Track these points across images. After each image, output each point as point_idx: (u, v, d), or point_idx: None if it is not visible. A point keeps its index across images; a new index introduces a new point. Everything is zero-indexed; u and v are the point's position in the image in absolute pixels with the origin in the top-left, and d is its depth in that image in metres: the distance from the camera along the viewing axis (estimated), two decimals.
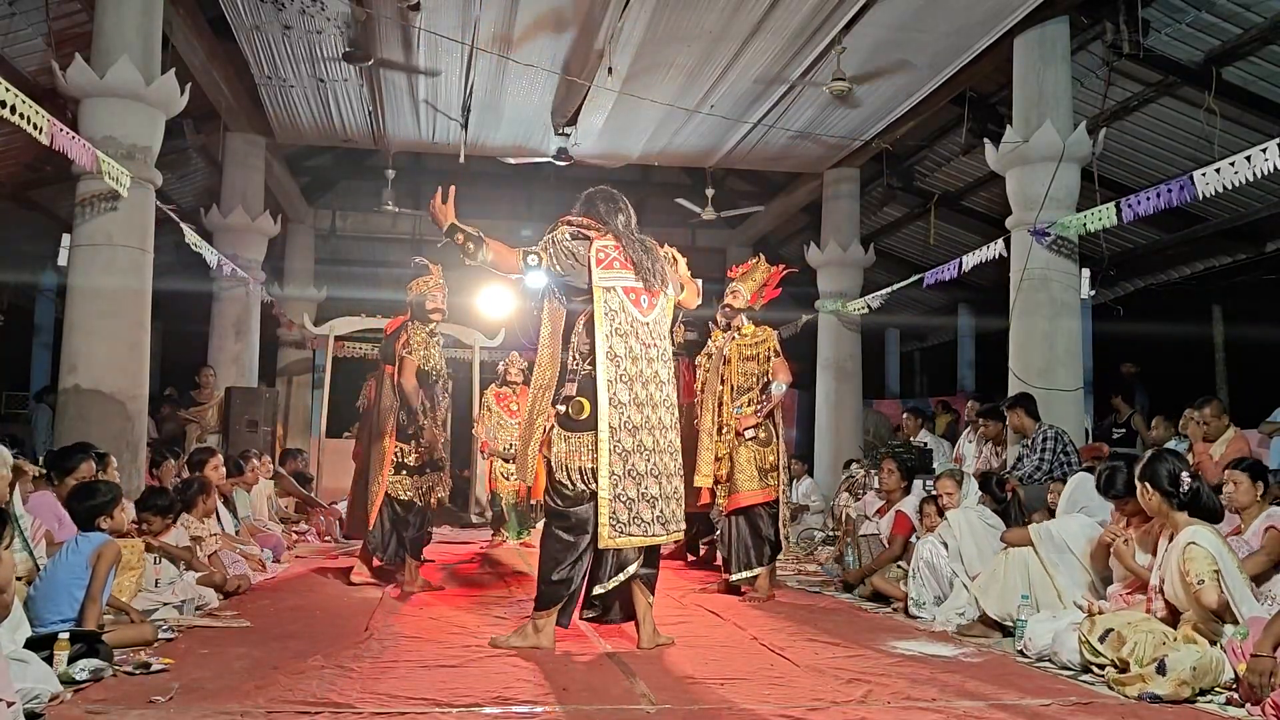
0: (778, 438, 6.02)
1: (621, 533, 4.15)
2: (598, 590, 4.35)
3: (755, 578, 5.88)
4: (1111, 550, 4.45)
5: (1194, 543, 3.76)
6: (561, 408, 4.26)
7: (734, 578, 5.91)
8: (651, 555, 4.40)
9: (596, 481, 4.14)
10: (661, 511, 4.24)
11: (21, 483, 4.45)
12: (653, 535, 4.23)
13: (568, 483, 4.19)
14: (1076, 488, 5.02)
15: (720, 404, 6.04)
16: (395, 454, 5.92)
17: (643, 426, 4.22)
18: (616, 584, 4.33)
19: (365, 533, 6.01)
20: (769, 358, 5.99)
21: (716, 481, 6.01)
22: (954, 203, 11.38)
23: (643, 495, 4.19)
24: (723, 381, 6.05)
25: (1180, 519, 3.91)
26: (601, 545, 4.16)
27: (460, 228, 4.20)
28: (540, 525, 4.62)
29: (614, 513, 4.13)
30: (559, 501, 4.24)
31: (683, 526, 4.43)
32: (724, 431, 5.98)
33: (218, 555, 5.62)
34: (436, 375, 6.14)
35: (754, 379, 6.01)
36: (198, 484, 5.87)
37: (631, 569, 4.32)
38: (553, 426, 4.28)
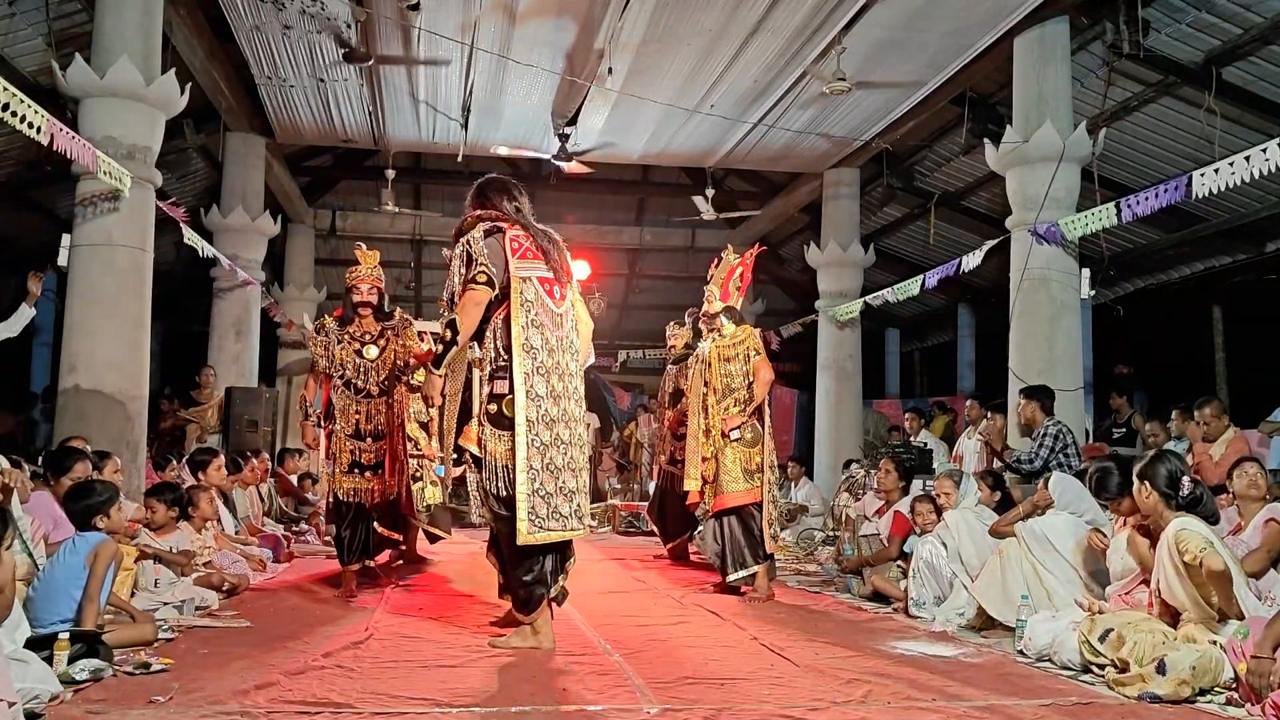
0: (765, 438, 6.00)
1: (540, 528, 4.08)
2: (553, 591, 4.29)
3: (753, 576, 5.87)
4: (1127, 540, 4.43)
5: (1183, 529, 3.77)
6: (493, 406, 4.16)
7: (731, 578, 5.89)
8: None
9: (514, 477, 4.08)
10: (579, 505, 4.20)
11: (20, 485, 4.45)
12: (570, 529, 4.18)
13: (504, 484, 4.12)
14: (1064, 488, 5.02)
15: (705, 407, 6.07)
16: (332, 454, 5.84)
17: (559, 420, 4.17)
18: (565, 578, 4.34)
19: None
20: (750, 358, 5.99)
21: (705, 483, 6.03)
22: (954, 203, 11.38)
23: (560, 489, 4.14)
24: (706, 384, 6.09)
25: (1171, 518, 3.91)
26: (520, 542, 4.07)
27: (439, 356, 4.09)
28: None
29: (533, 508, 4.06)
30: (501, 507, 4.17)
31: (589, 520, 4.40)
32: (710, 434, 6.01)
33: (213, 560, 5.63)
34: (356, 374, 5.76)
35: (736, 380, 6.00)
36: (187, 496, 5.84)
37: (573, 562, 4.36)
38: (483, 428, 4.18)
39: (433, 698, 3.37)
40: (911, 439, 9.68)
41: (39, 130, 5.23)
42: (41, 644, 3.42)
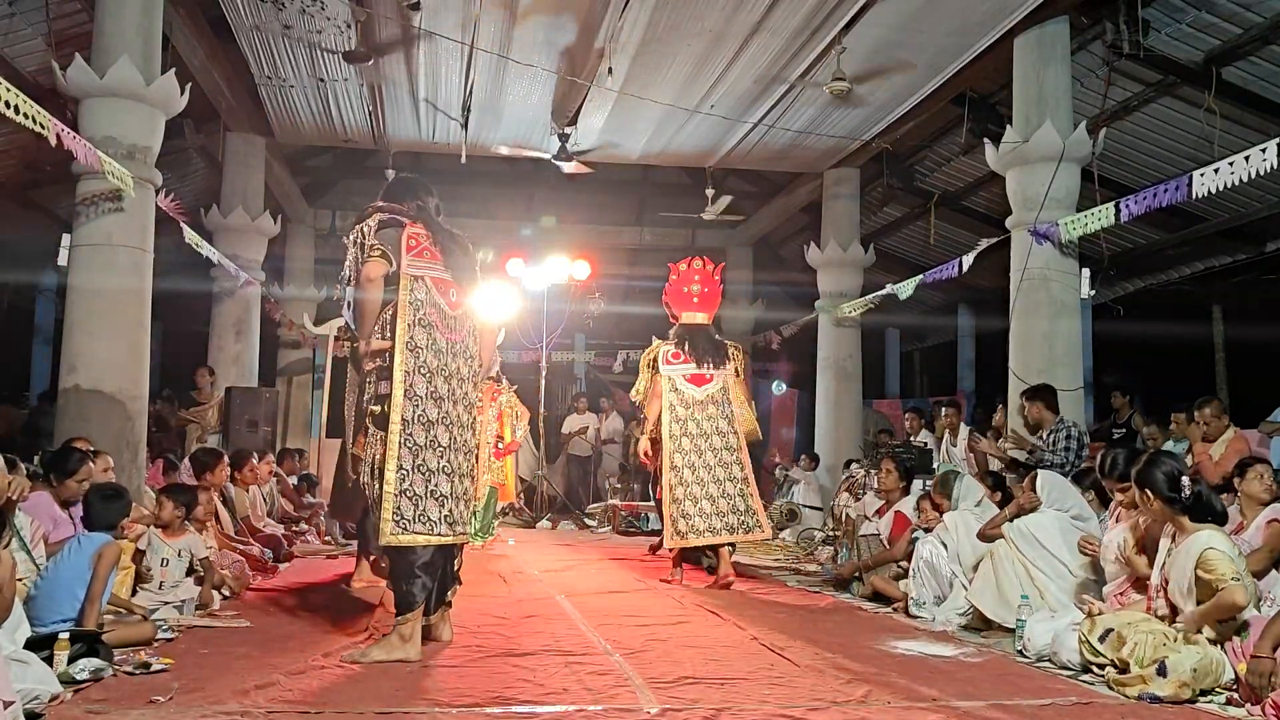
0: (669, 445, 6.65)
1: (405, 530, 3.99)
2: (434, 605, 4.23)
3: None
4: (1122, 546, 4.41)
5: (1212, 548, 3.70)
6: (378, 408, 4.10)
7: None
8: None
9: (383, 474, 4.01)
10: (450, 511, 4.10)
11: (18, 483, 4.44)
12: (439, 535, 4.06)
13: (378, 485, 4.04)
14: (1050, 485, 5.02)
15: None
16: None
17: (439, 422, 4.09)
18: (452, 593, 4.34)
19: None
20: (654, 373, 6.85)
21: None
22: (954, 203, 11.38)
23: (431, 493, 4.04)
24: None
25: (1187, 523, 3.87)
26: (382, 542, 4.01)
27: (371, 352, 4.11)
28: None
29: (398, 508, 3.98)
30: (373, 508, 4.10)
31: (469, 528, 4.31)
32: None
33: (214, 560, 5.62)
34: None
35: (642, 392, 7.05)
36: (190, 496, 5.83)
37: (456, 588, 4.38)
38: (368, 431, 4.12)
39: (433, 697, 3.37)
40: (911, 439, 9.67)
41: (45, 128, 5.22)
42: (42, 644, 3.42)
